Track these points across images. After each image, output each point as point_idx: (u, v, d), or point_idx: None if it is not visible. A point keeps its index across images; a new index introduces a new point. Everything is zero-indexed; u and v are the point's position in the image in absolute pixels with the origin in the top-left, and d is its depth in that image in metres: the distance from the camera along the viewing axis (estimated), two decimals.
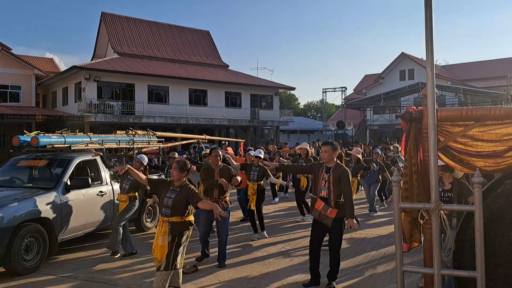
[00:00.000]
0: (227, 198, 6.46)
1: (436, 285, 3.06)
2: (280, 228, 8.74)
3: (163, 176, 8.98)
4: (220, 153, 6.60)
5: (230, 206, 6.58)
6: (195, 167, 6.67)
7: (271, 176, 8.12)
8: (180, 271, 4.79)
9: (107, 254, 6.83)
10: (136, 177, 5.31)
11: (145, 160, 6.96)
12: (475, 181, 2.95)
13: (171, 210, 4.63)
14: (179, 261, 4.66)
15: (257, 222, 7.99)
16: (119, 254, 6.55)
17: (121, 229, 6.54)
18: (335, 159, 5.27)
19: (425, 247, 3.26)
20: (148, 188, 5.61)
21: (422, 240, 3.40)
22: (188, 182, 4.90)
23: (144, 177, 5.22)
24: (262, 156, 8.14)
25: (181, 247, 4.68)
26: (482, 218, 2.94)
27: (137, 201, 6.83)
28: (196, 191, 4.79)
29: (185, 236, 4.71)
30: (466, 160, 3.31)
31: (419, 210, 3.21)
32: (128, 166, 5.85)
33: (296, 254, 6.92)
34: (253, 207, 7.85)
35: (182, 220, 4.66)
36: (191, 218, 4.78)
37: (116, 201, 7.17)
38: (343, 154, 6.75)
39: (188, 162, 4.95)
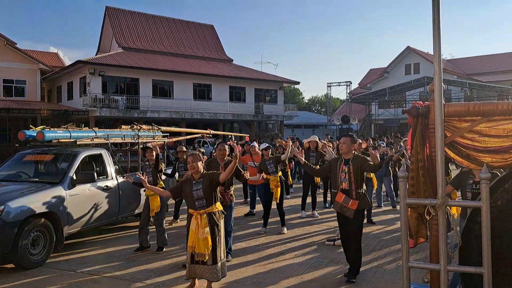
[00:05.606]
0: (232, 191, 6.47)
1: (442, 281, 3.05)
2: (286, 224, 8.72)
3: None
4: (226, 147, 6.64)
5: (234, 200, 6.60)
6: (206, 157, 6.88)
7: (283, 158, 8.18)
8: (225, 260, 4.95)
9: (112, 249, 6.86)
10: (158, 192, 5.47)
11: (157, 148, 7.22)
12: (482, 177, 2.93)
13: (206, 200, 4.75)
14: (223, 250, 4.86)
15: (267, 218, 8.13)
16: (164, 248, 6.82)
17: (164, 224, 6.85)
18: (353, 151, 5.45)
19: (432, 243, 3.26)
20: (172, 196, 5.59)
21: (428, 235, 3.39)
22: (204, 170, 5.07)
23: (166, 192, 5.39)
24: (269, 147, 8.34)
25: (222, 237, 4.85)
26: (489, 214, 2.92)
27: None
28: (215, 171, 4.97)
29: (221, 226, 4.87)
30: (473, 156, 3.30)
31: (426, 206, 3.21)
32: (143, 179, 5.48)
33: (301, 250, 6.93)
34: (278, 200, 8.04)
35: (217, 209, 4.82)
36: (220, 206, 4.95)
37: (144, 195, 7.14)
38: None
39: (200, 153, 5.12)
